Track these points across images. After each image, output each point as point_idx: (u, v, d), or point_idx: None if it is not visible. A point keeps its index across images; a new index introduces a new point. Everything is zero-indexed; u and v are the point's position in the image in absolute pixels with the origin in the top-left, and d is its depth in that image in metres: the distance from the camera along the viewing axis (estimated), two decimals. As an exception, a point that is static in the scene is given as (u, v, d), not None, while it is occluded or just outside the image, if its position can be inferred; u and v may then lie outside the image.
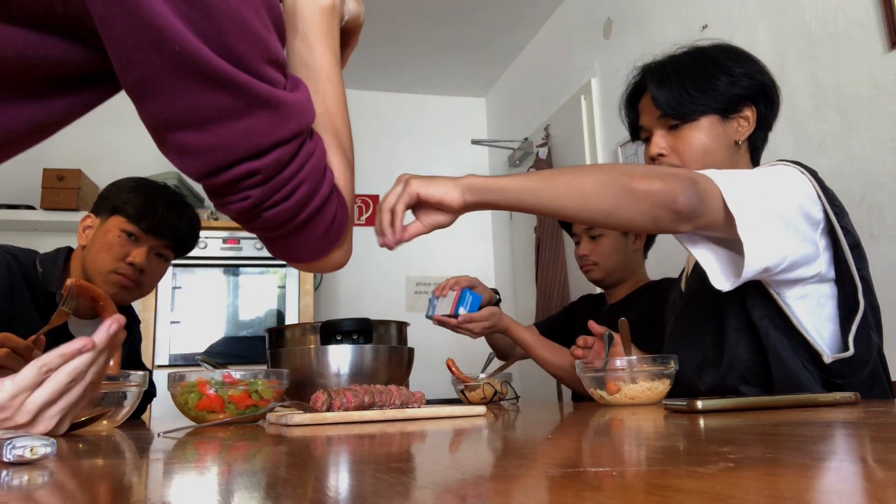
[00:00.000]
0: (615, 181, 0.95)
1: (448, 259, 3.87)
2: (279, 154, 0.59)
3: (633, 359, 1.16)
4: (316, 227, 0.65)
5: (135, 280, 1.46)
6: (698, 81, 1.17)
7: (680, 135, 1.18)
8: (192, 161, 0.58)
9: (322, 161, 0.65)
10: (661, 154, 1.19)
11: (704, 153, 1.16)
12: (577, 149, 2.98)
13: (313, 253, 0.68)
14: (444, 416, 1.01)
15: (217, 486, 0.43)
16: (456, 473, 0.44)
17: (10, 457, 0.50)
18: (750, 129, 1.18)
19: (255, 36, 0.56)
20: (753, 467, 0.37)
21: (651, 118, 1.22)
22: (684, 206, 0.95)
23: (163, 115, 0.56)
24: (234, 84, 0.55)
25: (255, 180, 0.59)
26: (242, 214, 0.63)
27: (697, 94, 1.16)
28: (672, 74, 1.19)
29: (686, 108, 1.16)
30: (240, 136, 0.57)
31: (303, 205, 0.63)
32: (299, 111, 0.61)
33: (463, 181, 1.01)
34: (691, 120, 1.17)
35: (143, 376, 1.06)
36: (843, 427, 0.63)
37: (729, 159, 1.18)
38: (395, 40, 3.52)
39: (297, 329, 1.53)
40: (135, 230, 1.46)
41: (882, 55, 1.63)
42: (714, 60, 1.18)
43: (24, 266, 1.41)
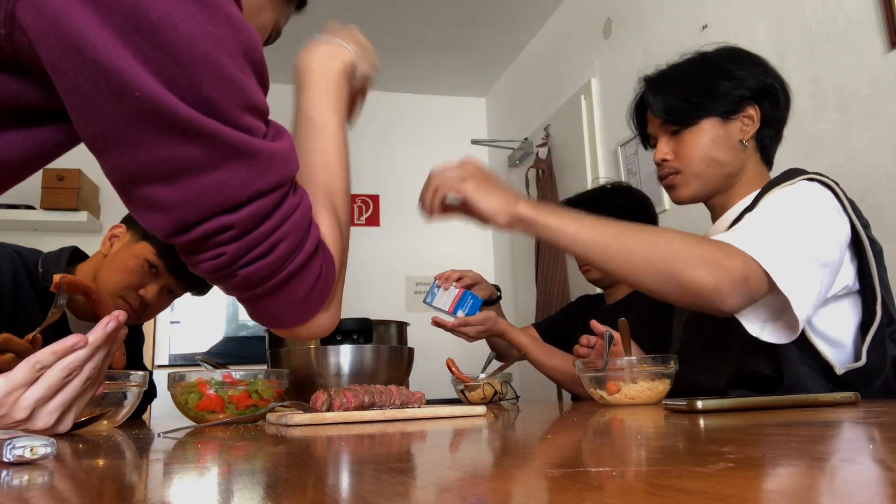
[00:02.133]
0: (665, 263, 0.95)
1: (448, 259, 3.87)
2: (256, 207, 0.55)
3: (633, 359, 1.17)
4: (298, 287, 0.60)
5: (137, 311, 1.44)
6: (696, 86, 1.18)
7: (682, 139, 1.19)
8: (160, 218, 0.53)
9: (306, 216, 0.60)
10: (665, 159, 1.21)
11: (706, 156, 1.17)
12: (577, 149, 2.98)
13: (296, 315, 0.63)
14: (444, 416, 1.01)
15: (217, 486, 0.43)
16: (456, 473, 0.44)
17: (10, 457, 0.50)
18: (754, 127, 1.18)
19: (229, 80, 0.52)
20: (753, 467, 0.37)
21: (654, 125, 1.25)
22: (730, 310, 0.96)
23: (127, 169, 0.52)
24: (203, 133, 0.51)
25: (230, 235, 0.55)
26: (216, 273, 0.58)
27: (695, 99, 1.17)
28: (669, 82, 1.22)
29: (683, 113, 1.18)
30: (212, 189, 0.52)
31: (283, 262, 0.58)
32: (280, 161, 0.57)
33: (516, 209, 1.00)
34: (691, 124, 1.18)
35: (143, 376, 1.06)
36: (843, 427, 0.63)
37: (733, 159, 1.18)
38: (395, 40, 3.52)
39: (297, 329, 1.53)
40: (159, 264, 1.41)
41: (882, 55, 1.63)
42: (714, 65, 1.20)
43: (28, 265, 1.41)
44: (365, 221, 3.89)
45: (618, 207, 1.93)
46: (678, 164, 1.20)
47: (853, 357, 1.06)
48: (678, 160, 1.20)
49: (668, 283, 0.95)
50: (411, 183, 3.96)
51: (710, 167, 1.18)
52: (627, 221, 1.02)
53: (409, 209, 3.97)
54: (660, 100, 1.21)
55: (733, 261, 0.94)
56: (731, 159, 1.18)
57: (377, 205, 3.94)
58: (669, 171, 1.22)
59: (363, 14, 3.27)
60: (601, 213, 1.96)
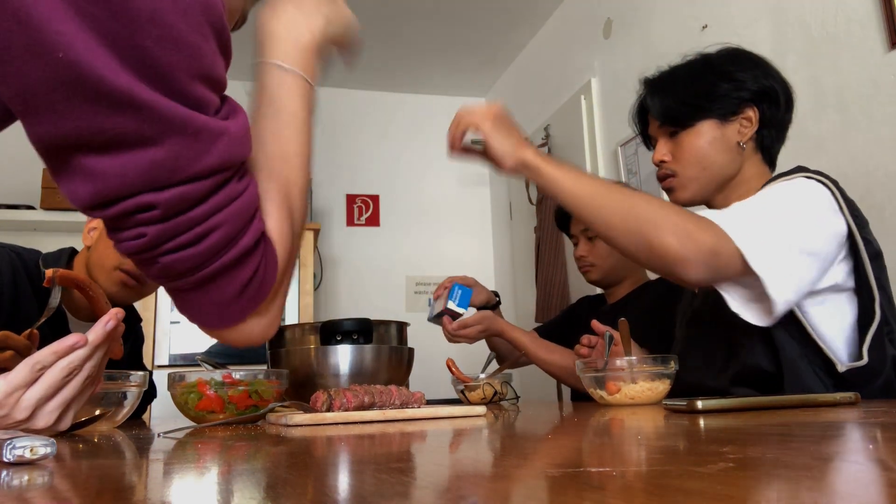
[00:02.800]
0: (639, 224, 0.98)
1: (448, 259, 3.88)
2: (188, 190, 0.49)
3: (633, 359, 1.17)
4: (228, 285, 0.54)
5: (139, 278, 1.45)
6: (694, 88, 1.19)
7: (679, 140, 1.20)
8: (81, 186, 0.47)
9: (249, 207, 0.54)
10: (663, 160, 1.22)
11: (703, 157, 1.18)
12: (577, 149, 2.98)
13: (223, 317, 0.56)
14: (444, 416, 1.01)
15: (217, 487, 0.43)
16: (456, 473, 0.44)
17: (10, 457, 0.50)
18: (753, 129, 1.18)
19: (181, 43, 0.45)
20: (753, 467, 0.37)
21: (654, 127, 1.26)
22: (693, 280, 0.98)
23: (49, 137, 0.45)
24: (138, 105, 0.44)
25: (152, 215, 0.48)
26: (136, 256, 0.51)
27: (693, 101, 1.18)
28: (668, 84, 1.23)
29: (681, 115, 1.19)
30: (143, 165, 0.47)
31: (214, 254, 0.52)
32: (227, 143, 0.50)
33: (523, 155, 1.07)
34: (688, 126, 1.19)
35: (143, 376, 1.06)
36: (842, 427, 0.63)
37: (731, 161, 1.19)
38: (395, 40, 3.52)
39: (297, 329, 1.53)
40: None
41: (882, 55, 1.63)
42: (714, 67, 1.20)
43: (27, 264, 1.41)
44: (365, 221, 3.89)
45: None
46: (675, 166, 1.21)
47: (851, 356, 1.06)
48: (676, 162, 1.21)
49: (639, 244, 0.98)
50: (411, 183, 4.00)
51: (707, 170, 1.18)
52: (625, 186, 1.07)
53: (409, 209, 3.97)
54: (658, 102, 1.22)
55: (704, 233, 0.96)
56: (729, 161, 1.18)
57: (377, 205, 3.94)
58: (667, 172, 1.22)
59: (363, 14, 3.26)
60: None
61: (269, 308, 0.59)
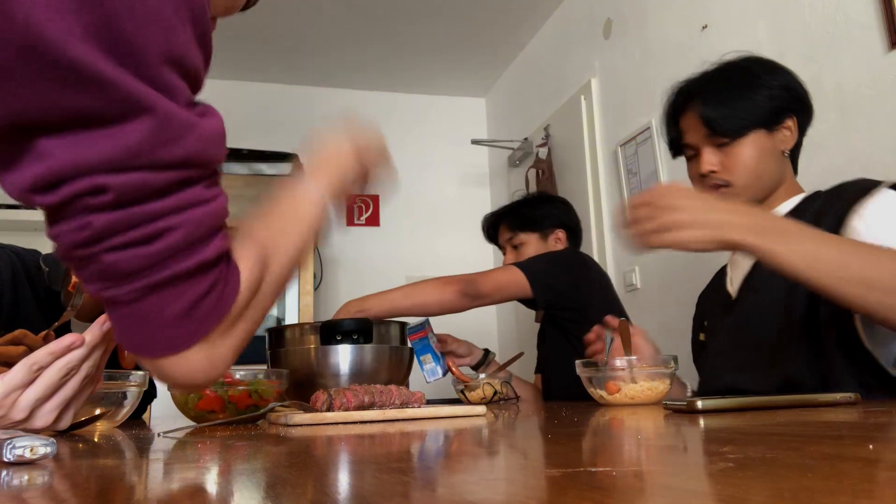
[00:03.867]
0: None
1: (448, 259, 3.87)
2: (148, 177, 0.43)
3: (633, 359, 1.16)
4: (177, 299, 0.47)
5: None
6: (742, 97, 1.18)
7: (729, 151, 1.18)
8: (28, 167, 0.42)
9: (215, 218, 0.49)
10: (713, 171, 1.19)
11: (755, 168, 1.18)
12: (577, 149, 2.98)
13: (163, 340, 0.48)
14: (444, 416, 1.01)
15: (217, 486, 0.43)
16: (456, 473, 0.44)
17: (10, 457, 0.50)
18: (793, 138, 1.20)
19: (154, 20, 0.41)
20: (753, 467, 0.37)
21: (698, 136, 1.22)
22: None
23: (4, 113, 0.41)
24: (101, 81, 0.40)
25: (102, 201, 0.43)
26: (77, 251, 0.45)
27: (742, 110, 1.17)
28: (713, 94, 1.20)
29: (734, 125, 1.17)
30: (102, 145, 0.42)
31: (167, 258, 0.46)
32: (197, 138, 0.45)
33: (728, 237, 0.87)
34: (740, 136, 1.17)
35: (143, 376, 1.06)
36: (843, 427, 0.63)
37: (778, 170, 1.20)
38: (395, 40, 3.52)
39: (297, 329, 1.53)
40: None
41: (882, 55, 1.62)
42: (751, 74, 1.20)
43: (27, 264, 1.41)
44: (365, 221, 3.89)
45: (543, 217, 1.95)
46: (727, 176, 1.19)
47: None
48: (727, 172, 1.19)
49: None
50: (411, 183, 3.99)
51: (760, 180, 1.18)
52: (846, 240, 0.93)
53: (408, 209, 3.97)
54: (711, 110, 1.19)
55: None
56: (776, 170, 1.20)
57: (377, 205, 3.94)
58: (719, 182, 1.20)
59: (363, 14, 3.27)
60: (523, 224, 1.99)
61: (222, 341, 0.51)
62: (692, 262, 2.26)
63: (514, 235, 1.99)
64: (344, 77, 3.87)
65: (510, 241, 2.00)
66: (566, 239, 1.99)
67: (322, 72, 3.79)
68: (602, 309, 1.76)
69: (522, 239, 1.97)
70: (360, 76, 3.87)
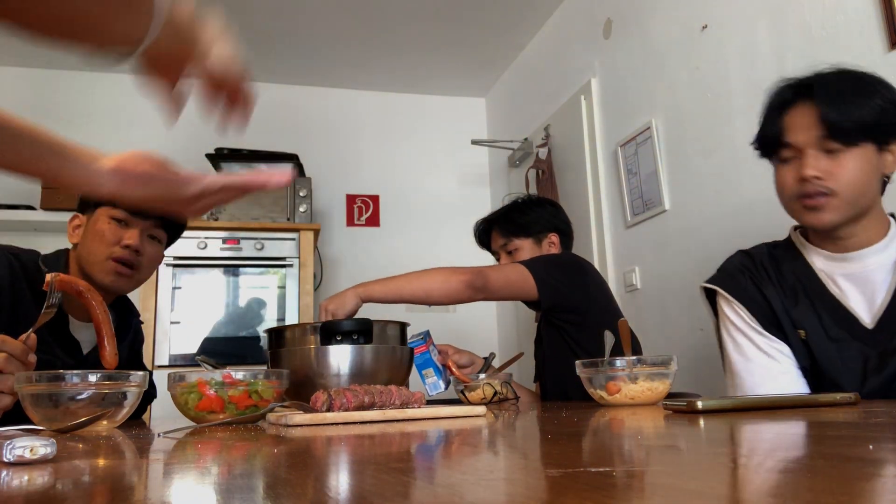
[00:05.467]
0: None
1: (448, 260, 3.87)
2: None
3: (633, 359, 1.17)
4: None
5: (132, 263, 1.44)
6: (861, 105, 1.11)
7: (838, 159, 1.12)
8: None
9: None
10: (818, 177, 1.12)
11: (861, 182, 1.12)
12: (577, 149, 2.98)
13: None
14: (444, 416, 1.01)
15: (217, 487, 0.43)
16: (456, 473, 0.44)
17: (10, 457, 0.50)
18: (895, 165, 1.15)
19: None
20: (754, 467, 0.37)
21: (807, 136, 1.14)
22: None
23: None
24: None
25: None
26: None
27: (860, 119, 1.11)
28: (839, 94, 1.13)
29: (852, 132, 1.11)
30: None
31: None
32: None
33: None
34: (853, 145, 1.11)
35: (143, 376, 1.06)
36: (843, 427, 0.63)
37: (875, 192, 1.15)
38: (395, 40, 3.52)
39: (297, 329, 1.53)
40: (122, 215, 1.44)
41: (882, 55, 1.63)
42: (869, 84, 1.13)
43: (25, 266, 1.41)
44: (365, 222, 3.89)
45: (534, 222, 1.96)
46: (833, 184, 1.11)
47: None
48: (832, 180, 1.11)
49: None
50: (411, 183, 4.00)
51: (863, 197, 1.12)
52: None
53: (409, 209, 3.97)
54: (831, 112, 1.11)
55: None
56: (874, 192, 1.15)
57: (377, 205, 3.94)
58: (822, 191, 1.12)
59: (363, 14, 3.27)
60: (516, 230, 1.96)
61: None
62: (692, 262, 2.26)
63: (507, 241, 1.99)
64: (344, 77, 3.87)
65: (504, 248, 2.00)
66: (559, 242, 1.99)
67: (322, 72, 3.79)
68: (600, 312, 1.76)
69: (516, 245, 1.97)
70: (360, 76, 3.87)
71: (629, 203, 2.63)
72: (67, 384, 0.95)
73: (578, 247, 2.27)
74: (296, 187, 3.28)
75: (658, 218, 2.46)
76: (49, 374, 0.96)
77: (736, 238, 1.50)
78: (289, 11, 3.19)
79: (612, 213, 2.77)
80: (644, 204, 2.53)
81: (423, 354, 1.74)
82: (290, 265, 3.14)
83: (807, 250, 1.23)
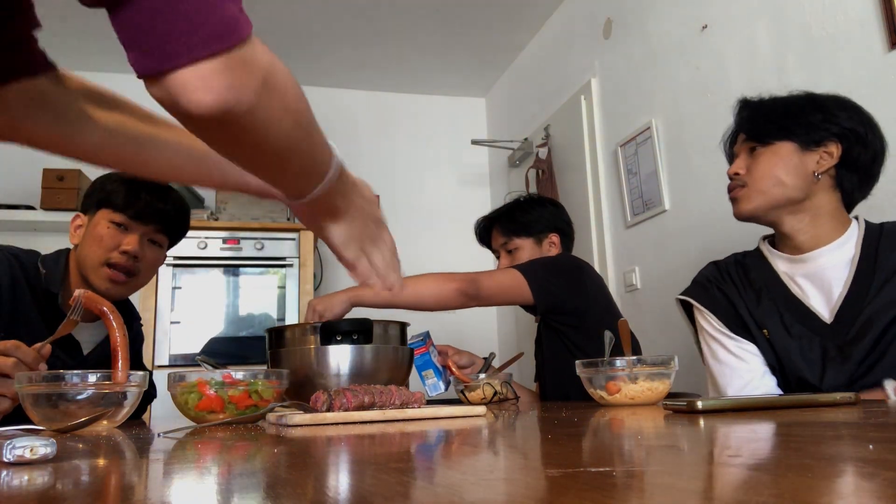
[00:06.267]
0: None
1: (448, 260, 3.87)
2: None
3: (633, 359, 1.17)
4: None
5: (130, 269, 1.44)
6: (785, 110, 1.25)
7: (756, 156, 1.25)
8: None
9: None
10: (737, 173, 1.27)
11: (775, 177, 1.23)
12: (577, 149, 2.98)
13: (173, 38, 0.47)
14: (444, 416, 1.01)
15: (217, 487, 0.43)
16: (456, 473, 0.44)
17: (10, 457, 0.50)
18: (832, 162, 1.22)
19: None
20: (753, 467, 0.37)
21: (739, 142, 1.32)
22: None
23: None
24: None
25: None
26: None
27: (778, 121, 1.23)
28: (761, 104, 1.29)
29: (763, 131, 1.25)
30: None
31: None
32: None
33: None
34: (766, 143, 1.24)
35: (143, 376, 1.06)
36: (843, 427, 0.63)
37: (801, 185, 1.23)
38: (395, 40, 3.52)
39: (297, 329, 1.53)
40: (122, 219, 1.43)
41: (882, 55, 1.62)
42: (815, 101, 1.25)
43: (25, 267, 1.41)
44: (365, 221, 3.89)
45: (535, 221, 1.95)
46: (748, 178, 1.25)
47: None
48: (747, 175, 1.26)
49: None
50: (411, 183, 3.99)
51: (775, 187, 1.22)
52: None
53: (409, 209, 3.97)
54: (746, 117, 1.28)
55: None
56: (798, 184, 1.22)
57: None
58: (738, 183, 1.27)
59: (363, 14, 3.27)
60: (517, 229, 1.97)
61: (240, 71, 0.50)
62: (692, 262, 2.26)
63: (508, 240, 1.99)
64: (344, 77, 3.86)
65: (504, 246, 2.00)
66: (560, 242, 1.99)
67: (322, 72, 3.79)
68: (600, 313, 1.76)
69: (517, 244, 1.97)
70: (360, 76, 3.86)
71: (629, 203, 2.63)
72: (67, 384, 0.95)
73: (578, 247, 2.27)
74: (296, 187, 3.27)
75: (658, 218, 2.47)
76: (49, 374, 0.96)
77: (736, 238, 1.50)
78: (288, 12, 3.19)
79: (612, 213, 2.77)
80: (644, 204, 2.53)
81: (424, 356, 1.74)
82: (290, 265, 3.14)
83: (772, 255, 1.31)
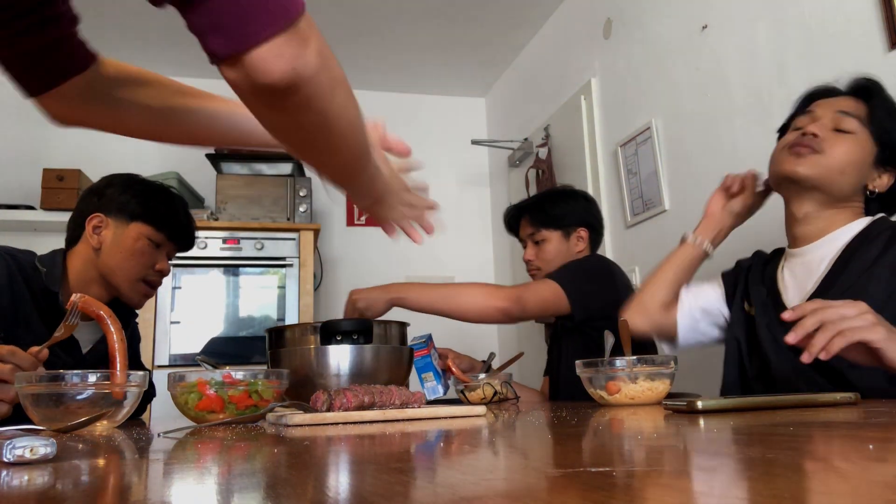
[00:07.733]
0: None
1: (448, 259, 3.87)
2: None
3: (633, 359, 1.17)
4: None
5: (159, 285, 1.52)
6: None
7: (840, 137, 1.24)
8: None
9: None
10: (816, 134, 1.24)
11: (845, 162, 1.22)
12: (577, 149, 2.98)
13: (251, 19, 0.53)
14: (444, 416, 1.01)
15: (217, 487, 0.43)
16: (456, 473, 0.44)
17: (10, 457, 0.50)
18: (884, 184, 1.26)
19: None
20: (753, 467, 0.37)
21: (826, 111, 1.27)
22: None
23: None
24: None
25: None
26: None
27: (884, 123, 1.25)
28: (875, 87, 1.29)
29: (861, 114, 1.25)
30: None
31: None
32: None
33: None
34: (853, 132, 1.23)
35: (143, 376, 1.06)
36: (843, 427, 0.63)
37: (854, 184, 1.24)
38: (395, 40, 3.52)
39: (297, 329, 1.53)
40: (161, 239, 1.49)
41: (882, 55, 1.62)
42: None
43: (23, 267, 1.41)
44: (365, 221, 3.89)
45: (566, 214, 1.95)
46: (825, 147, 1.22)
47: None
48: (827, 146, 1.22)
49: None
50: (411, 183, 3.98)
51: (842, 176, 1.22)
52: None
53: (409, 209, 3.96)
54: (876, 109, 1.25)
55: None
56: (853, 182, 1.23)
57: (377, 205, 3.93)
58: (812, 145, 1.23)
59: (363, 14, 3.27)
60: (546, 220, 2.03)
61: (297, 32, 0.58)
62: (692, 262, 2.25)
63: (536, 231, 1.97)
64: (344, 77, 3.86)
65: (532, 237, 1.98)
66: (588, 237, 1.97)
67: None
68: None
69: (545, 235, 1.95)
70: (360, 76, 3.86)
71: (629, 203, 2.63)
72: (67, 384, 0.95)
73: (578, 247, 2.27)
74: (296, 187, 3.28)
75: (658, 218, 2.46)
76: (49, 374, 0.96)
77: (735, 238, 1.50)
78: (289, 11, 3.19)
79: (612, 213, 2.77)
80: (644, 204, 2.53)
81: (424, 358, 1.74)
82: (290, 265, 3.14)
83: (786, 250, 1.35)
